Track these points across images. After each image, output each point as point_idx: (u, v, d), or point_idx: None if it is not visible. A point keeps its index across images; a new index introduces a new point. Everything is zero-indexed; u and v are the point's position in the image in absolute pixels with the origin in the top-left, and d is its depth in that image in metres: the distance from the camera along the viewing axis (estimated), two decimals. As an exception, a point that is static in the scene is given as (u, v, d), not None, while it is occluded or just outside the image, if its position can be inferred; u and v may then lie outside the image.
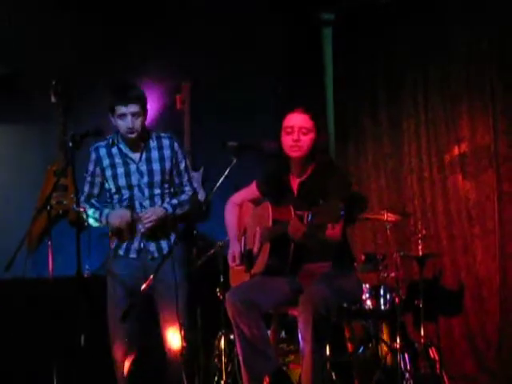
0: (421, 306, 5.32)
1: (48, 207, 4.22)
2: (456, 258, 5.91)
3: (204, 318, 5.36)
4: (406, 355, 5.19)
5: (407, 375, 5.12)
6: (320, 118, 4.08)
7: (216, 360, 5.43)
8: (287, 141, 3.98)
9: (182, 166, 4.48)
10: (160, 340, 4.42)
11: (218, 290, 5.55)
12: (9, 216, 5.54)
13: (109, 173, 4.40)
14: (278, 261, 3.90)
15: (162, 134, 4.48)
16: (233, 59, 6.38)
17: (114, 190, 4.41)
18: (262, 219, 3.99)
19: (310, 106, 4.13)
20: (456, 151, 5.93)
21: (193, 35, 6.25)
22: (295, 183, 4.06)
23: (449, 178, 5.98)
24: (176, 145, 4.47)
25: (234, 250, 4.22)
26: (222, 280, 5.54)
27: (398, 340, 5.17)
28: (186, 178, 4.51)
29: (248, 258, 4.09)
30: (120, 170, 4.38)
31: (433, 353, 5.28)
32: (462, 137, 5.89)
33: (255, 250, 4.02)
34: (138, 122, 4.29)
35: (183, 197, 4.47)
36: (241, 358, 3.89)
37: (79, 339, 3.87)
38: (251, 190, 4.31)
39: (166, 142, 4.44)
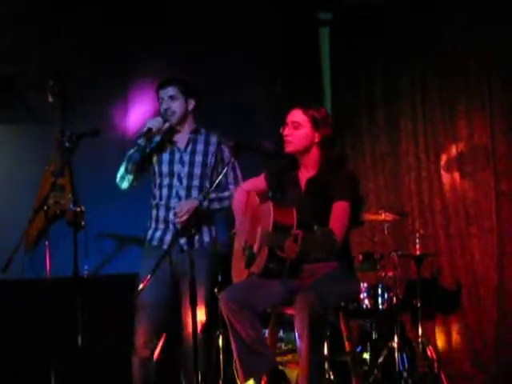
0: (418, 305, 5.34)
1: (45, 207, 4.22)
2: (454, 258, 5.91)
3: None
4: (404, 354, 5.20)
5: (405, 374, 5.14)
6: (322, 114, 4.03)
7: (214, 359, 5.43)
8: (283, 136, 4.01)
9: (229, 164, 4.50)
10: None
11: (216, 289, 5.56)
12: (6, 216, 5.53)
13: (155, 158, 4.52)
14: (275, 265, 3.89)
15: (212, 133, 4.59)
16: (231, 59, 6.38)
17: (156, 174, 4.51)
18: (264, 219, 3.98)
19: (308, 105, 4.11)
20: (454, 150, 5.94)
21: (192, 34, 6.25)
22: (303, 179, 4.06)
23: (446, 177, 5.98)
24: (223, 145, 4.55)
25: (238, 245, 4.22)
26: (220, 279, 5.55)
27: (395, 339, 5.18)
28: (231, 177, 4.54)
29: (249, 253, 4.09)
30: (165, 157, 4.50)
31: (430, 352, 5.29)
32: (460, 136, 5.89)
33: (255, 248, 4.02)
34: (174, 105, 4.44)
35: (225, 193, 4.50)
36: (236, 356, 3.88)
37: (77, 339, 3.87)
38: (260, 181, 4.29)
39: (213, 139, 4.55)
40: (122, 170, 4.47)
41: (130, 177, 4.48)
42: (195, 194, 4.44)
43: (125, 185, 4.50)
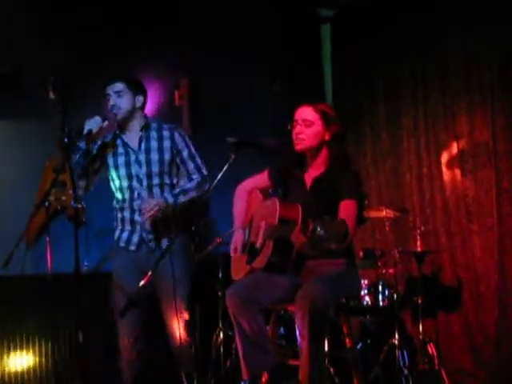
0: (419, 302, 5.34)
1: (46, 203, 4.22)
2: (455, 254, 5.91)
3: (202, 314, 5.35)
4: (405, 351, 5.20)
5: (405, 371, 5.13)
6: (332, 112, 4.02)
7: (214, 355, 5.44)
8: (293, 134, 3.98)
9: (185, 154, 4.45)
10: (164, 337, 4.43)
11: (216, 286, 5.57)
12: (7, 212, 5.54)
13: (111, 162, 4.43)
14: (280, 259, 3.89)
15: (164, 125, 4.48)
16: (232, 56, 6.38)
17: (115, 178, 4.42)
18: (269, 214, 3.97)
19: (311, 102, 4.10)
20: (455, 148, 5.93)
21: (191, 32, 6.25)
22: (309, 178, 4.04)
23: (447, 174, 5.98)
24: (176, 134, 4.45)
25: (237, 240, 4.19)
26: (220, 276, 5.56)
27: (396, 336, 5.18)
28: (191, 166, 4.46)
29: (250, 250, 4.09)
30: (121, 160, 4.41)
31: (431, 349, 5.29)
32: (461, 133, 5.89)
33: (258, 244, 4.01)
34: (121, 100, 4.33)
35: (188, 184, 4.42)
36: (240, 353, 3.89)
37: (77, 335, 3.87)
38: (262, 178, 4.27)
39: (165, 133, 4.44)
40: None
41: (81, 183, 4.35)
42: (157, 192, 4.38)
43: (80, 192, 4.39)
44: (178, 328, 4.28)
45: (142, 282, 3.79)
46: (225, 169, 4.18)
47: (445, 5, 5.98)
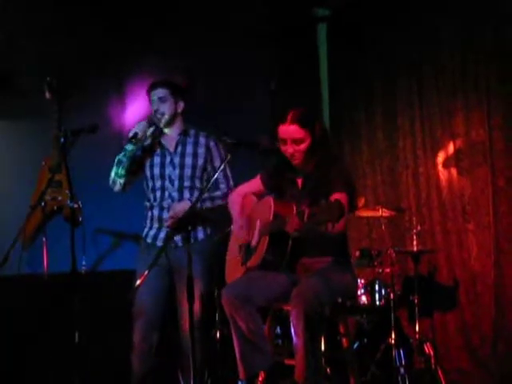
0: (416, 301, 5.34)
1: (42, 203, 4.22)
2: (451, 254, 5.91)
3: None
4: (401, 350, 5.21)
5: (402, 370, 5.14)
6: (312, 118, 4.04)
7: (211, 354, 5.44)
8: (284, 151, 4.01)
9: (217, 163, 4.61)
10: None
11: (213, 286, 5.56)
12: (3, 212, 5.53)
13: (147, 161, 4.62)
14: (275, 255, 3.91)
15: (201, 133, 4.67)
16: (228, 56, 6.37)
17: (149, 177, 4.60)
18: (263, 212, 4.00)
19: (303, 104, 4.12)
20: (451, 147, 5.94)
21: (188, 33, 6.25)
22: (300, 178, 4.08)
23: (444, 173, 5.99)
24: (212, 143, 4.64)
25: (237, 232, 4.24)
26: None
27: (392, 335, 5.19)
28: (221, 175, 4.61)
29: (245, 250, 4.10)
30: (157, 160, 4.59)
31: (428, 348, 5.30)
32: (457, 132, 5.89)
33: (253, 243, 4.02)
34: (164, 106, 4.52)
35: (216, 192, 4.59)
36: (238, 353, 3.90)
37: (74, 336, 3.87)
38: (255, 183, 4.31)
39: (202, 140, 4.63)
40: (112, 174, 4.57)
41: (120, 181, 4.57)
42: (187, 194, 4.53)
43: (117, 188, 4.61)
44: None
45: (137, 282, 3.78)
46: (221, 168, 4.23)
47: (441, 5, 5.98)
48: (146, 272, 3.80)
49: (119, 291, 4.43)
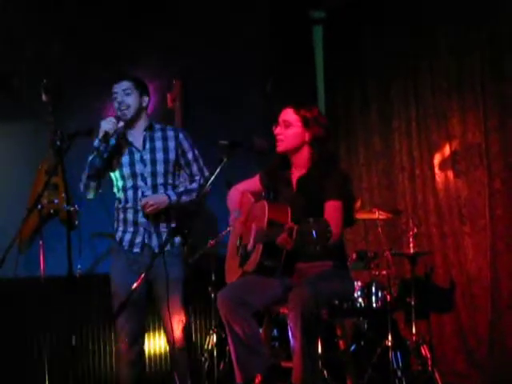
0: (412, 303, 5.34)
1: (39, 206, 4.21)
2: (447, 256, 5.92)
3: (196, 316, 5.35)
4: (398, 353, 5.21)
5: (399, 373, 5.14)
6: (311, 110, 4.04)
7: (207, 358, 5.44)
8: (275, 135, 4.02)
9: (190, 156, 4.49)
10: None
11: (209, 288, 5.57)
12: (0, 215, 5.53)
13: (115, 161, 4.43)
14: (270, 262, 3.89)
15: (169, 127, 4.54)
16: (224, 58, 6.38)
17: (119, 177, 4.43)
18: (258, 217, 3.98)
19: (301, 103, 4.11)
20: (447, 149, 5.94)
21: (184, 34, 6.25)
22: (295, 179, 4.06)
23: (440, 175, 5.99)
24: (181, 136, 4.49)
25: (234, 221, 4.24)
26: (213, 278, 5.56)
27: (389, 337, 5.19)
28: (195, 168, 4.50)
29: (243, 252, 4.09)
30: (125, 159, 4.42)
31: (424, 350, 5.29)
32: (453, 134, 5.90)
33: (249, 247, 4.02)
34: (129, 99, 4.37)
35: (192, 185, 4.46)
36: (233, 356, 3.88)
37: (70, 338, 3.86)
38: (254, 182, 4.30)
39: (170, 134, 4.48)
40: (83, 178, 4.36)
41: (93, 184, 4.37)
42: (161, 191, 4.38)
43: (91, 194, 4.40)
44: (175, 329, 4.28)
45: (134, 285, 3.76)
46: (217, 171, 4.18)
47: (436, 6, 5.99)
48: (143, 275, 3.79)
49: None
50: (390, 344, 5.18)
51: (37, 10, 5.82)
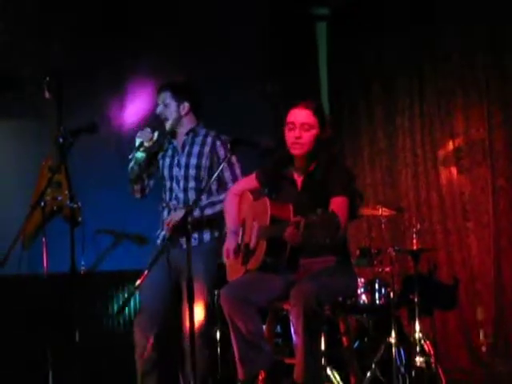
0: (416, 300, 5.33)
1: (42, 203, 4.21)
2: (451, 252, 5.92)
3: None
4: (402, 349, 5.20)
5: (402, 369, 5.13)
6: (325, 114, 4.01)
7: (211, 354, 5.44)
8: (289, 137, 3.91)
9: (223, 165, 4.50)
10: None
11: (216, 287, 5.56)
12: (3, 212, 5.54)
13: (161, 162, 4.59)
14: (273, 258, 3.89)
15: (211, 132, 4.57)
16: (227, 56, 6.37)
17: (163, 178, 4.57)
18: (260, 214, 3.97)
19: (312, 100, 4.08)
20: (451, 145, 5.94)
21: (187, 33, 6.25)
22: (299, 178, 4.02)
23: (443, 172, 5.99)
24: (218, 142, 4.50)
25: (229, 245, 4.18)
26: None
27: (393, 334, 5.18)
28: (228, 176, 4.51)
29: (245, 251, 4.08)
30: (167, 161, 4.55)
31: (428, 347, 5.28)
32: (457, 131, 5.90)
33: (251, 245, 4.01)
34: (166, 111, 4.47)
35: (218, 197, 4.46)
36: (236, 353, 3.87)
37: (74, 335, 3.86)
38: (251, 181, 4.27)
39: (209, 140, 4.52)
40: (129, 183, 4.55)
41: (137, 187, 4.56)
42: (192, 195, 4.44)
43: (138, 195, 4.60)
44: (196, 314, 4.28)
45: (137, 282, 3.77)
46: (220, 168, 4.18)
47: (441, 4, 5.99)
48: (146, 272, 3.80)
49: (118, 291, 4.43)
50: (393, 341, 5.18)
51: (42, 10, 5.82)
